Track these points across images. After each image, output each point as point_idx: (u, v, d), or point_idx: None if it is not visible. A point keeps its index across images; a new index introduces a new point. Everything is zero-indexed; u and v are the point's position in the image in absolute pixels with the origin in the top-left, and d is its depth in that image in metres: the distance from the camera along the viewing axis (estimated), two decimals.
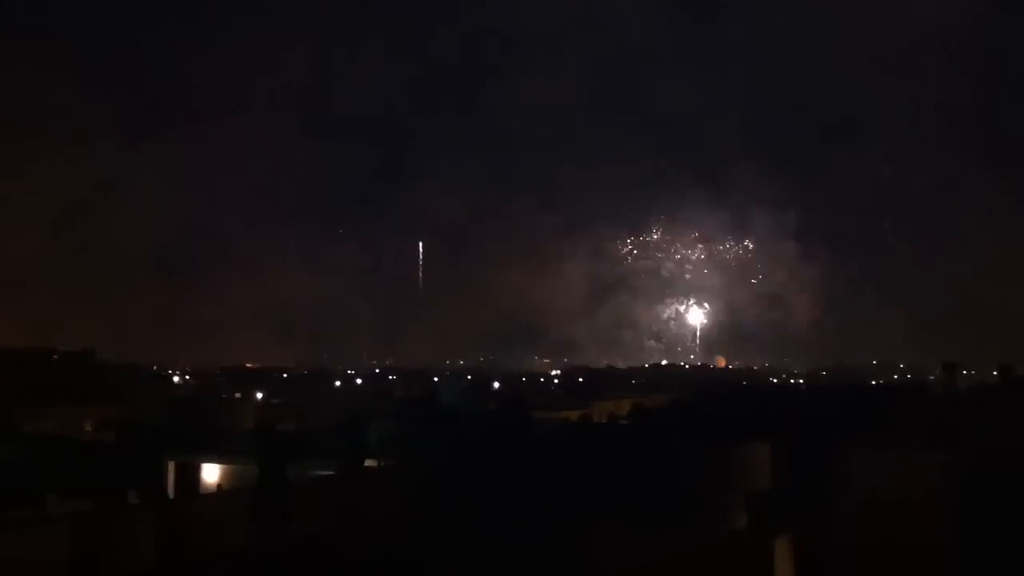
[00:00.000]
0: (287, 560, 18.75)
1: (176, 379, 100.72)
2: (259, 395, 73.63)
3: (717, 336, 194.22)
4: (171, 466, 33.43)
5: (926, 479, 15.47)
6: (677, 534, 12.91)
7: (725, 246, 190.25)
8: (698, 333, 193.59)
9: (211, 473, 32.87)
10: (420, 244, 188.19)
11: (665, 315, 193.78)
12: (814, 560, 13.37)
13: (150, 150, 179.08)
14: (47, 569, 16.23)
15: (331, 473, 27.87)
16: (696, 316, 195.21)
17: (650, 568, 12.38)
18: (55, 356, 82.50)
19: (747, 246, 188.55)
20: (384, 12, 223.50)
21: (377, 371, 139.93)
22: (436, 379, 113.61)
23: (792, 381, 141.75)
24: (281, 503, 21.21)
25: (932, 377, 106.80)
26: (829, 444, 16.22)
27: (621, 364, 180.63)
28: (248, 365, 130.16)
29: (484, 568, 16.88)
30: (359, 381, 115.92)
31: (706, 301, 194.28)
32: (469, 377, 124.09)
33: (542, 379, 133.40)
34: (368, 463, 29.80)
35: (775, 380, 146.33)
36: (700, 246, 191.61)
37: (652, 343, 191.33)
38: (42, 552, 16.44)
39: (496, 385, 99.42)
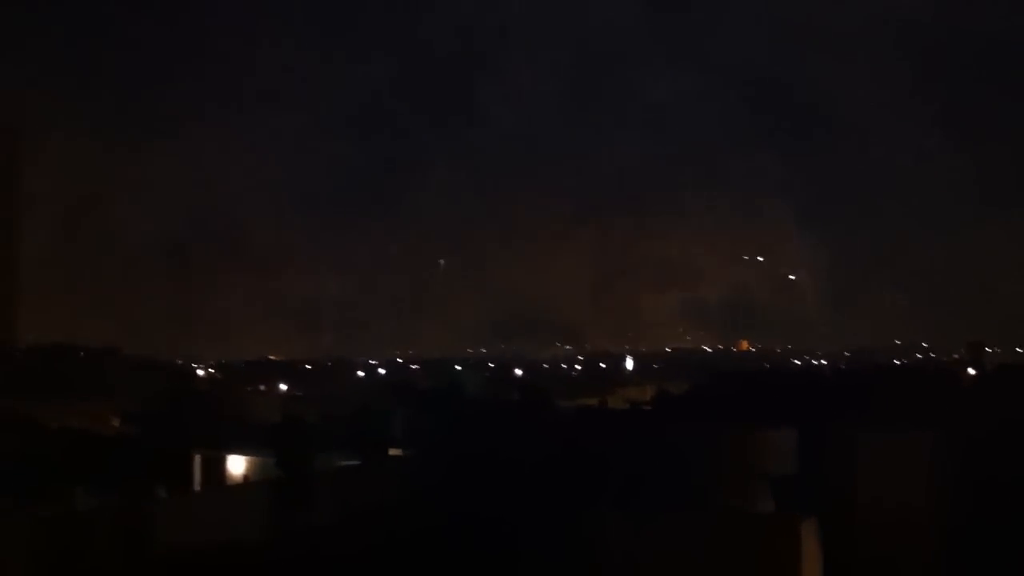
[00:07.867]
0: (307, 548, 18.88)
1: (200, 372, 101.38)
2: (283, 387, 74.03)
3: (736, 319, 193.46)
4: (197, 459, 33.66)
5: (926, 457, 15.41)
6: (701, 515, 12.81)
7: (734, 230, 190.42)
8: (720, 316, 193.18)
9: (237, 465, 33.09)
10: (432, 234, 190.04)
11: (682, 299, 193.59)
12: (836, 542, 13.26)
13: (157, 148, 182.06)
14: None
15: (354, 463, 27.98)
16: (711, 299, 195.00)
17: (669, 552, 12.32)
18: (81, 353, 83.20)
19: (756, 230, 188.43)
20: (372, 7, 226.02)
21: (400, 360, 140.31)
22: (458, 367, 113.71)
23: (815, 362, 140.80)
24: (303, 494, 21.32)
25: (956, 356, 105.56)
26: (851, 428, 16.08)
27: (643, 349, 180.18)
28: (271, 357, 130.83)
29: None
30: (382, 371, 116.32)
31: (720, 284, 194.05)
32: (491, 365, 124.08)
33: (563, 365, 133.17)
34: (392, 452, 29.94)
35: (798, 362, 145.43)
36: (708, 229, 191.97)
37: (676, 328, 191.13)
38: None
39: (518, 373, 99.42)
